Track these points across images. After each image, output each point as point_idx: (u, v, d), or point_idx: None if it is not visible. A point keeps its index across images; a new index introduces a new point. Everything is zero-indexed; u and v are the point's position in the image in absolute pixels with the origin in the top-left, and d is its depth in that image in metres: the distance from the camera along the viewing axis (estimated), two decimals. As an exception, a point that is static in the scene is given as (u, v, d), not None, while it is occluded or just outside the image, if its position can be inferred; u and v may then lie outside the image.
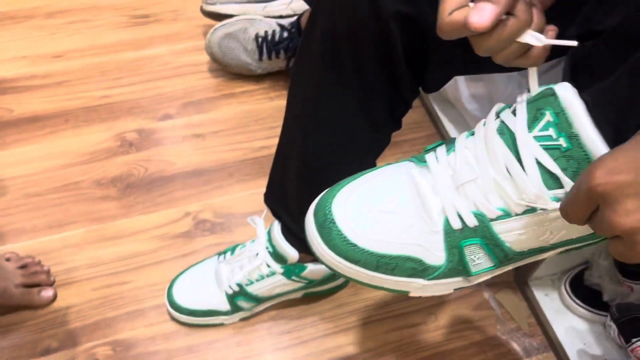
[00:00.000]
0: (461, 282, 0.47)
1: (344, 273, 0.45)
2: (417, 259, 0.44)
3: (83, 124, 1.07)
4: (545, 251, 0.46)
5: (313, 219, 0.46)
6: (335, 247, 0.44)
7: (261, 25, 1.10)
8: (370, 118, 0.58)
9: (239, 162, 1.04)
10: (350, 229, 0.43)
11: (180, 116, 1.10)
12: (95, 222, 0.95)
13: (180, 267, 0.89)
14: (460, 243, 0.44)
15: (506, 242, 0.43)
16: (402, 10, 0.49)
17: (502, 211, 0.42)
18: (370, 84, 0.55)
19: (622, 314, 0.73)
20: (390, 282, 0.45)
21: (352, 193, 0.45)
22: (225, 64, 1.12)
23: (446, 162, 0.44)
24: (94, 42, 1.20)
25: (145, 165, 1.03)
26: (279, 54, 1.11)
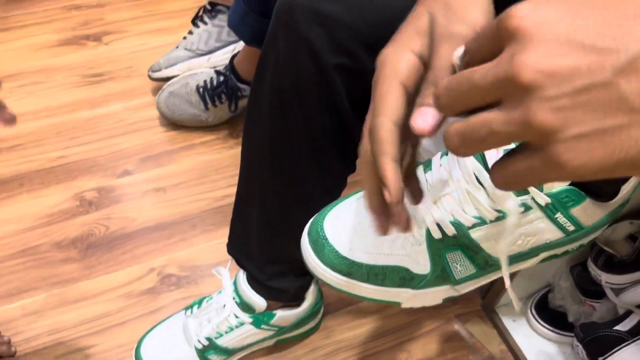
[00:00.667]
0: (449, 290, 0.50)
1: (339, 286, 0.48)
2: (405, 269, 0.48)
3: (39, 187, 1.06)
4: (523, 258, 0.49)
5: (307, 238, 0.49)
6: (329, 262, 0.48)
7: (201, 76, 1.13)
8: (323, 165, 0.60)
9: (202, 213, 1.04)
10: (341, 244, 0.47)
11: (140, 171, 1.09)
12: (56, 286, 0.93)
13: (147, 325, 0.87)
14: (442, 251, 0.47)
15: (485, 248, 0.47)
16: (343, 62, 0.52)
17: (478, 219, 0.46)
18: (319, 133, 0.57)
19: (586, 334, 0.75)
20: (381, 292, 0.48)
21: (341, 212, 0.49)
22: (176, 120, 1.14)
23: (424, 179, 0.48)
24: (48, 104, 1.20)
25: (106, 224, 1.01)
26: (221, 99, 1.12)
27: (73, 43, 1.32)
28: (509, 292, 0.49)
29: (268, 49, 0.55)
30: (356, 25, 0.46)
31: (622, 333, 0.72)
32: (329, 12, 0.51)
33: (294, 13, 0.51)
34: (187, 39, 1.20)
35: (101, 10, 1.40)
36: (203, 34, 1.19)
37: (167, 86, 1.13)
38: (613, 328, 0.73)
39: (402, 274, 0.48)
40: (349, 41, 0.49)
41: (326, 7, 0.51)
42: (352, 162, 0.63)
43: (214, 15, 1.19)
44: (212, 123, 1.15)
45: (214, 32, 1.19)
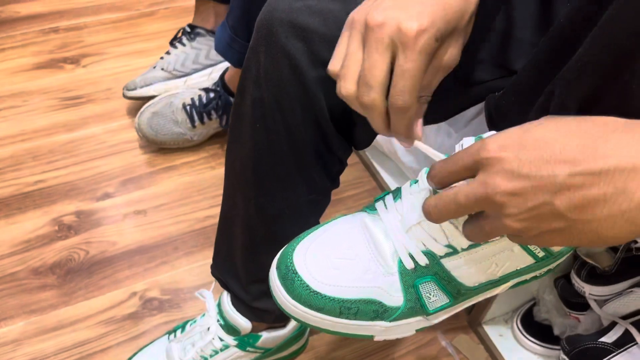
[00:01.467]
0: (422, 321, 0.49)
1: (309, 322, 0.47)
2: (377, 301, 0.47)
3: (16, 212, 1.03)
4: (495, 285, 0.48)
5: (276, 272, 0.47)
6: (299, 297, 0.46)
7: (185, 95, 1.13)
8: (306, 179, 0.59)
9: (184, 235, 1.02)
10: (311, 278, 0.46)
11: (120, 194, 1.08)
12: (35, 313, 0.90)
13: (129, 351, 0.85)
14: (415, 282, 0.46)
15: (457, 277, 0.47)
16: (323, 76, 0.52)
17: (450, 248, 0.45)
18: (302, 147, 0.57)
19: (572, 346, 0.75)
20: (354, 327, 0.47)
21: (311, 244, 0.48)
22: (159, 141, 1.13)
23: (394, 208, 0.47)
24: (25, 127, 1.18)
25: (86, 248, 0.99)
26: (211, 116, 1.12)
27: (50, 66, 1.31)
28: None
29: (250, 62, 0.55)
30: (334, 37, 0.46)
31: (608, 345, 0.72)
32: (306, 25, 0.51)
33: (273, 27, 0.51)
34: (164, 59, 1.19)
35: (79, 33, 1.40)
36: (180, 55, 1.19)
37: (146, 107, 1.13)
38: (599, 340, 0.73)
39: (375, 307, 0.46)
40: (327, 53, 0.49)
41: (304, 20, 0.51)
42: (336, 176, 0.63)
43: (192, 37, 1.20)
44: (196, 142, 1.15)
45: (191, 54, 1.19)
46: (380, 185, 1.13)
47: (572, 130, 0.35)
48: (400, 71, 0.41)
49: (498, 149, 0.36)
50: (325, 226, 0.50)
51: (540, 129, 0.35)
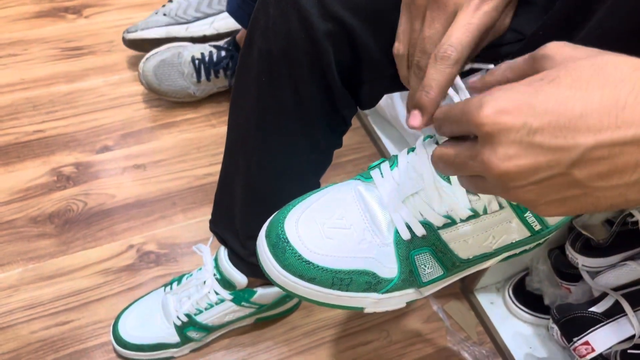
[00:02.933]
0: (413, 294, 0.48)
1: (300, 293, 0.45)
2: (371, 273, 0.45)
3: (15, 161, 1.03)
4: (488, 257, 0.48)
5: (265, 241, 0.45)
6: (290, 267, 0.44)
7: (195, 48, 1.11)
8: (310, 137, 0.59)
9: (182, 191, 1.03)
10: (304, 247, 0.44)
11: (119, 148, 1.07)
12: (32, 261, 0.91)
13: (125, 301, 0.86)
14: (410, 253, 0.45)
15: (453, 250, 0.45)
16: (332, 29, 0.51)
17: (448, 218, 0.44)
18: (307, 103, 0.56)
19: (562, 315, 0.76)
20: (345, 298, 0.46)
21: (303, 212, 0.46)
22: (162, 91, 1.11)
23: (390, 177, 0.46)
24: (24, 76, 1.16)
25: (84, 200, 0.99)
26: (218, 74, 1.11)
27: (52, 15, 1.29)
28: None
29: (258, 14, 0.54)
30: None
31: (597, 314, 0.73)
32: None
33: None
34: (167, 6, 1.18)
35: (81, -17, 1.37)
36: (183, 2, 1.17)
37: (153, 54, 1.10)
38: (588, 309, 0.74)
39: (368, 278, 0.45)
40: (338, 7, 0.48)
41: None
42: (339, 136, 0.63)
43: (196, -15, 1.18)
44: (197, 98, 1.14)
45: (194, 2, 1.17)
46: (381, 151, 1.13)
47: (591, 85, 0.29)
48: (460, 25, 0.41)
49: (498, 114, 0.30)
50: (318, 194, 0.48)
51: (553, 86, 0.30)
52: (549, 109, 0.29)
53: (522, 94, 0.30)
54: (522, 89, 0.30)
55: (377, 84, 0.57)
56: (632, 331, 0.72)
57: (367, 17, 0.51)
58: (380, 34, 0.52)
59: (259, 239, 0.46)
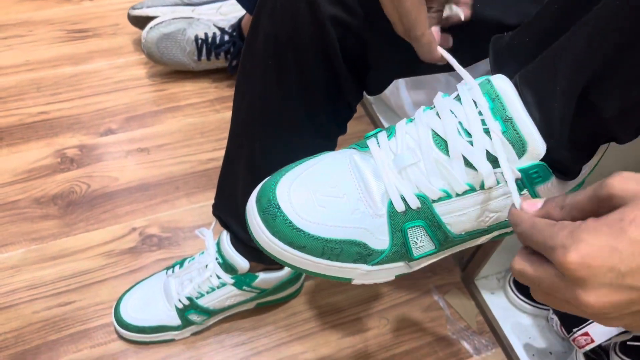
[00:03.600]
0: (403, 267, 0.47)
1: (288, 261, 0.44)
2: (362, 243, 0.44)
3: (19, 142, 1.03)
4: (481, 234, 0.47)
5: (256, 206, 0.44)
6: (280, 233, 0.43)
7: (199, 27, 1.11)
8: (315, 121, 0.59)
9: (185, 175, 1.03)
10: (295, 214, 0.43)
11: (123, 131, 1.07)
12: (35, 242, 0.91)
13: (127, 284, 0.86)
14: (403, 225, 0.44)
15: (447, 224, 0.45)
16: (339, 15, 0.51)
17: (444, 192, 0.43)
18: (313, 88, 0.56)
19: (562, 306, 0.76)
20: (334, 269, 0.45)
21: (295, 179, 0.44)
22: (161, 62, 1.12)
23: (387, 147, 0.45)
24: (29, 58, 1.16)
25: (88, 182, 1.00)
26: (219, 57, 1.11)
27: (57, -3, 1.28)
28: None
29: None
30: None
31: (598, 306, 0.74)
32: None
33: None
34: None
35: (87, -35, 1.36)
36: None
37: (156, 24, 1.09)
38: (589, 301, 0.74)
39: (359, 249, 0.44)
40: None
41: None
42: (344, 122, 0.63)
43: (205, -30, 1.17)
44: (193, 70, 1.15)
45: None
46: (384, 139, 1.13)
47: None
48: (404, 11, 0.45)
49: (585, 259, 0.31)
50: (311, 161, 0.47)
51: (634, 227, 0.31)
52: (636, 252, 0.30)
53: (606, 237, 0.31)
54: (605, 230, 0.31)
55: (385, 70, 0.57)
56: (632, 323, 0.72)
57: (375, 3, 0.50)
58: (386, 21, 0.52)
59: (249, 203, 0.45)
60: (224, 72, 1.18)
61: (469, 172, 0.43)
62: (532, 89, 0.41)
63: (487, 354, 0.88)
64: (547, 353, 0.87)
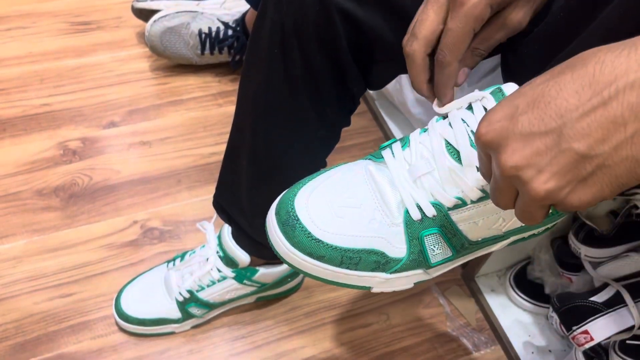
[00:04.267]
0: (421, 275, 0.48)
1: (308, 271, 0.45)
2: (380, 252, 0.45)
3: (22, 133, 1.03)
4: (497, 240, 0.48)
5: (275, 218, 0.45)
6: (300, 244, 0.44)
7: (203, 21, 1.11)
8: (319, 112, 0.59)
9: (187, 169, 1.03)
10: (314, 225, 0.44)
11: (126, 124, 1.07)
12: (37, 233, 0.91)
13: (128, 276, 0.87)
14: (420, 233, 0.45)
15: (463, 231, 0.46)
16: (345, 7, 0.51)
17: (459, 199, 0.44)
18: (317, 78, 0.56)
19: (562, 303, 0.76)
20: (353, 277, 0.46)
21: (313, 190, 0.46)
22: (165, 56, 1.12)
23: (402, 157, 0.46)
24: (32, 49, 1.16)
25: (90, 174, 1.00)
26: (222, 51, 1.12)
27: (61, -11, 1.28)
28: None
29: None
30: None
31: (598, 304, 0.74)
32: None
33: None
34: None
35: (91, -43, 1.36)
36: None
37: (160, 18, 1.09)
38: (589, 299, 0.74)
39: (377, 257, 0.45)
40: None
41: None
42: (348, 114, 0.63)
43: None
44: (197, 64, 1.15)
45: None
46: (387, 135, 1.13)
47: (561, 72, 0.32)
48: (446, 29, 0.44)
49: (488, 127, 0.33)
50: (328, 172, 0.48)
51: (528, 85, 0.33)
52: (529, 98, 0.32)
53: (506, 101, 0.34)
54: (507, 97, 0.34)
55: (389, 66, 0.57)
56: (631, 322, 0.72)
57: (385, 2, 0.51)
58: (394, 16, 0.52)
59: (269, 216, 0.46)
60: (227, 66, 1.18)
61: (481, 179, 0.43)
62: None
63: (487, 351, 0.89)
64: (546, 351, 0.87)
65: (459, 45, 0.44)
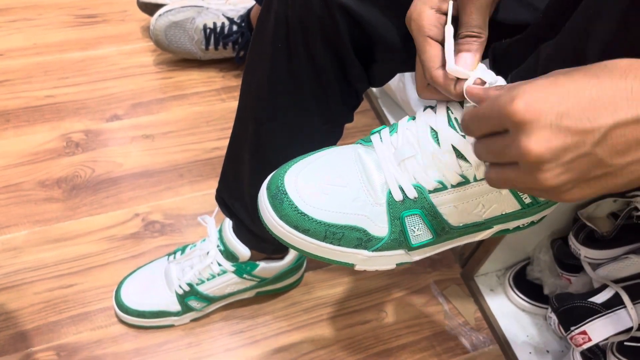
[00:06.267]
0: (403, 256, 0.50)
1: (294, 244, 0.48)
2: (362, 229, 0.47)
3: (25, 124, 1.04)
4: (479, 227, 0.49)
5: (266, 192, 0.48)
6: (287, 217, 0.46)
7: (208, 16, 1.11)
8: (322, 108, 0.59)
9: (189, 163, 1.03)
10: (300, 199, 0.46)
11: (129, 117, 1.08)
12: (38, 224, 0.92)
13: (128, 268, 0.87)
14: (401, 214, 0.47)
15: (443, 214, 0.47)
16: (348, 4, 0.52)
17: (439, 183, 0.46)
18: (321, 72, 0.56)
19: (561, 304, 0.77)
20: (337, 252, 0.48)
21: (303, 168, 0.48)
22: (170, 51, 1.13)
23: (389, 141, 0.48)
24: (37, 41, 1.17)
25: (92, 167, 1.00)
26: (227, 46, 1.12)
27: (67, -18, 1.29)
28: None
29: None
30: None
31: (596, 305, 0.74)
32: None
33: None
34: None
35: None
36: None
37: (165, 12, 1.10)
38: (588, 300, 0.74)
39: (360, 234, 0.47)
40: None
41: None
42: (351, 110, 0.63)
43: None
44: (201, 59, 1.15)
45: None
46: (389, 134, 1.13)
47: (600, 75, 0.33)
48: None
49: (529, 103, 0.33)
50: (319, 153, 0.50)
51: (568, 77, 0.34)
52: (571, 94, 0.33)
53: (545, 86, 0.34)
54: (543, 82, 0.34)
55: (389, 64, 0.58)
56: (630, 323, 0.72)
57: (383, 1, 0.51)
58: (395, 15, 0.53)
59: (261, 191, 0.49)
60: (231, 62, 1.18)
61: (462, 164, 0.45)
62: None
63: (484, 350, 0.89)
64: (544, 351, 0.87)
65: (424, 58, 0.45)
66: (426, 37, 0.45)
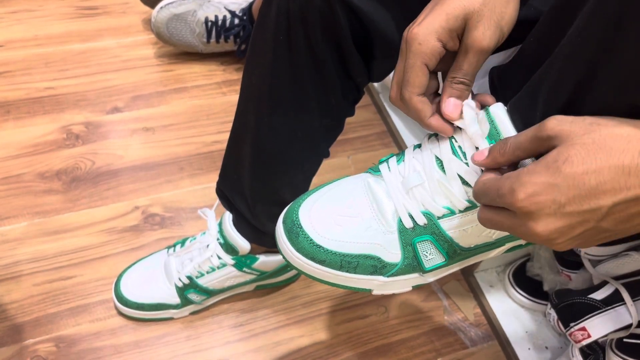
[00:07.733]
0: (418, 278, 0.51)
1: (312, 274, 0.49)
2: (376, 257, 0.49)
3: (26, 116, 1.03)
4: (491, 247, 0.50)
5: (282, 226, 0.49)
6: (303, 250, 0.48)
7: (210, 9, 1.11)
8: (323, 101, 0.59)
9: (190, 157, 1.03)
10: (315, 232, 0.48)
11: (130, 109, 1.08)
12: (38, 215, 0.92)
13: (128, 261, 0.87)
14: (413, 240, 0.48)
15: (453, 238, 0.48)
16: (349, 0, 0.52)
17: (447, 209, 0.47)
18: (322, 65, 0.56)
19: (561, 300, 0.76)
20: (354, 280, 0.49)
21: (316, 201, 0.50)
22: (171, 43, 1.12)
23: (397, 170, 0.50)
24: (38, 33, 1.16)
25: (92, 159, 1.00)
26: (228, 40, 1.11)
27: (68, -27, 1.28)
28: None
29: None
30: None
31: (596, 301, 0.74)
32: None
33: None
34: None
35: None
36: None
37: (167, 5, 1.10)
38: (588, 296, 0.74)
39: (374, 262, 0.49)
40: None
41: None
42: (352, 104, 0.63)
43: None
44: (201, 52, 1.15)
45: None
46: (390, 128, 1.13)
47: (598, 160, 0.35)
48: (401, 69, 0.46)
49: (530, 197, 0.37)
50: (330, 185, 0.52)
51: (568, 166, 0.36)
52: (571, 185, 0.36)
53: (545, 177, 0.37)
54: (543, 172, 0.37)
55: (388, 60, 0.58)
56: (629, 320, 0.72)
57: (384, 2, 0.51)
58: (395, 11, 0.53)
59: (277, 225, 0.51)
60: (232, 55, 1.18)
61: (468, 190, 0.46)
62: (519, 114, 0.44)
63: (483, 346, 0.89)
64: (542, 348, 0.87)
65: (412, 80, 0.45)
66: (423, 64, 0.45)
